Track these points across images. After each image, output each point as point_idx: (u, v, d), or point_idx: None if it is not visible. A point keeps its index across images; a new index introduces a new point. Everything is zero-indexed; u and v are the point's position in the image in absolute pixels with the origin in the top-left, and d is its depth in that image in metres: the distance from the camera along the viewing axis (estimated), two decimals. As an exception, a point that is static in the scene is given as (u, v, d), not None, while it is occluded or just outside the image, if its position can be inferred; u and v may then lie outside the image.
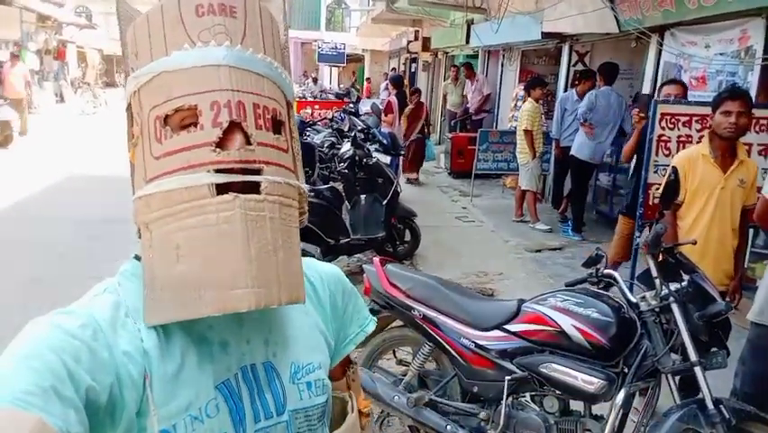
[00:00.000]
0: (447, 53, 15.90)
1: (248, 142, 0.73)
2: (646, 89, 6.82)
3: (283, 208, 0.76)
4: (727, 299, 3.13)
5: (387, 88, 11.79)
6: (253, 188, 0.73)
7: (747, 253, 4.73)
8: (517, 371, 2.59)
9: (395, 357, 3.20)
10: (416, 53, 18.80)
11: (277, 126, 0.78)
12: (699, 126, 4.14)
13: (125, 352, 0.72)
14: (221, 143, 0.72)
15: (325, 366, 0.95)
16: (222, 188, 0.72)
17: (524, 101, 8.03)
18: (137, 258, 0.83)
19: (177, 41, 0.75)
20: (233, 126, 0.73)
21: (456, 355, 2.74)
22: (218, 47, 0.74)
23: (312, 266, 1.01)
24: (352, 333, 1.04)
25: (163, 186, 0.73)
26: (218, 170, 0.72)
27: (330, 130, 8.98)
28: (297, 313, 0.92)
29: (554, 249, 6.84)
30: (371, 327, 1.07)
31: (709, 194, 3.07)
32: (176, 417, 0.74)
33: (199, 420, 0.76)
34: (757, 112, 4.26)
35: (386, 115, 8.78)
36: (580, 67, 8.61)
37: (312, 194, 5.45)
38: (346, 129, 8.54)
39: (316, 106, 12.20)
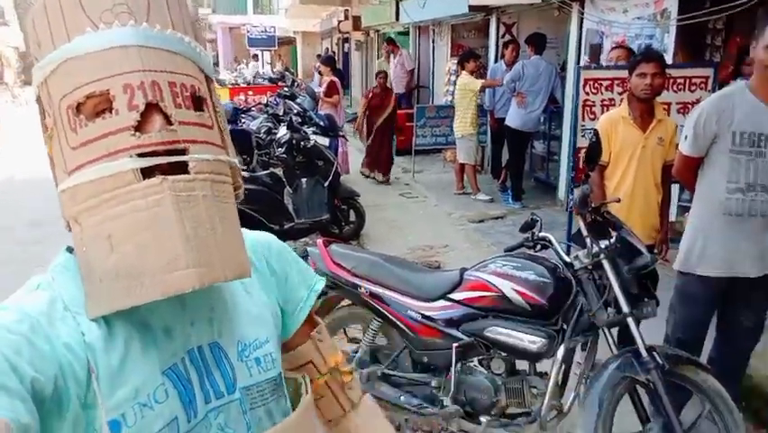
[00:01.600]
0: (378, 31, 15.85)
1: (169, 123, 0.71)
2: (572, 57, 7.03)
3: (215, 185, 0.75)
4: (656, 251, 3.30)
5: (318, 71, 11.40)
6: (181, 168, 0.72)
7: (676, 207, 5.01)
8: (464, 337, 2.67)
9: (346, 336, 3.24)
10: (348, 33, 18.67)
11: (198, 103, 0.76)
12: (620, 90, 4.31)
13: (66, 344, 0.71)
14: (140, 127, 0.70)
15: (273, 340, 0.95)
16: (147, 172, 0.70)
17: (457, 75, 8.13)
18: (69, 250, 0.81)
19: (78, 25, 0.72)
20: (151, 108, 0.71)
21: (404, 328, 2.80)
22: (122, 27, 0.71)
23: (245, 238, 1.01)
24: (303, 296, 1.04)
25: (86, 176, 0.71)
26: (141, 155, 0.70)
27: (266, 115, 8.86)
28: (239, 290, 0.92)
29: (496, 218, 7.01)
30: (320, 285, 1.07)
31: (632, 153, 3.22)
32: (124, 406, 0.74)
33: (148, 407, 0.75)
34: (674, 72, 4.47)
35: (330, 97, 8.68)
36: (508, 38, 8.77)
37: (251, 181, 5.39)
38: (281, 113, 8.44)
39: (250, 92, 11.99)
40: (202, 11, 31.49)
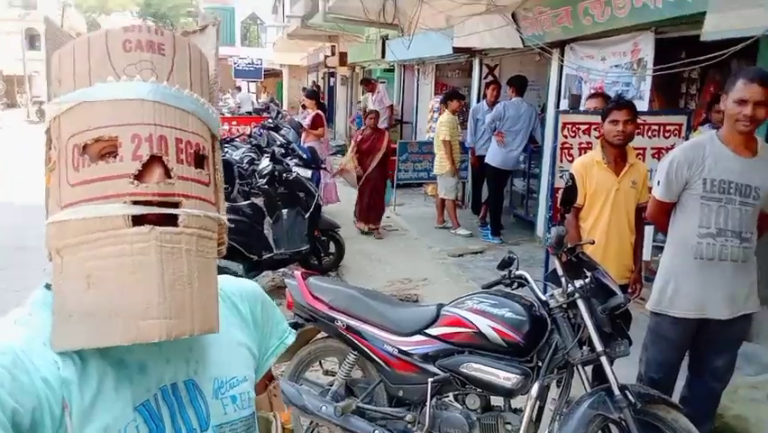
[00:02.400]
0: (364, 68, 16.11)
1: (168, 176, 0.75)
2: (551, 100, 7.22)
3: (201, 240, 0.78)
4: (629, 290, 3.37)
5: (302, 104, 11.23)
6: (171, 220, 0.75)
7: (650, 247, 5.11)
8: (440, 372, 2.68)
9: (322, 368, 3.23)
10: (334, 68, 18.93)
11: (199, 160, 0.80)
12: (597, 134, 4.42)
13: (44, 379, 0.73)
14: (140, 176, 0.73)
15: (251, 379, 0.97)
16: (138, 220, 0.73)
17: (440, 113, 8.28)
18: (47, 287, 0.82)
19: (101, 73, 0.75)
20: (154, 160, 0.74)
21: (381, 362, 2.80)
22: (143, 82, 0.75)
23: (229, 283, 1.03)
24: (273, 345, 1.06)
25: (78, 213, 0.73)
26: (135, 202, 0.73)
27: (249, 146, 8.89)
28: (221, 328, 0.92)
29: (475, 253, 7.07)
30: (291, 339, 1.10)
31: (606, 197, 3.31)
32: None
33: None
34: (649, 119, 4.62)
35: (315, 129, 8.74)
36: (490, 79, 8.98)
37: (232, 211, 5.39)
38: (265, 144, 8.47)
39: (234, 123, 12.03)
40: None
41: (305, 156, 6.96)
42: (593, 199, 3.33)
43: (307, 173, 6.57)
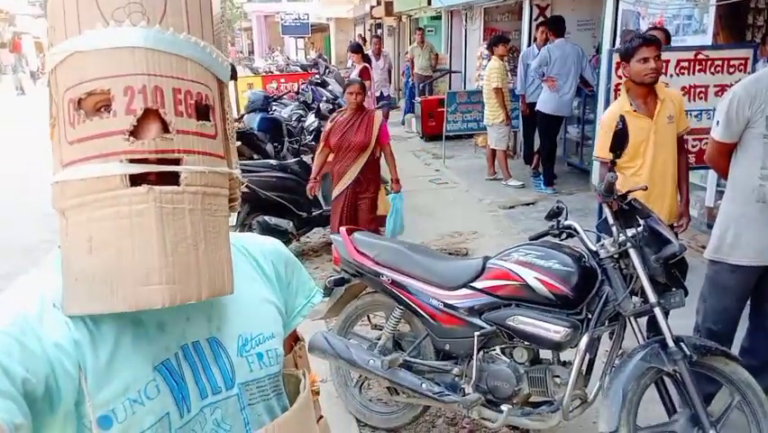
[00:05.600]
0: (411, 17, 15.73)
1: (166, 131, 0.70)
2: (606, 39, 6.85)
3: (207, 198, 0.73)
4: (675, 224, 3.22)
5: (351, 60, 10.88)
6: (173, 179, 0.70)
7: (713, 194, 4.88)
8: (486, 326, 2.65)
9: (370, 322, 3.26)
10: (380, 18, 18.56)
11: (203, 112, 0.75)
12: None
13: (56, 344, 0.72)
14: (135, 132, 0.69)
15: (279, 336, 0.95)
16: (138, 179, 0.69)
17: (488, 60, 8.02)
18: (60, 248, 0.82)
19: (89, 19, 0.70)
20: (149, 114, 0.69)
21: (427, 316, 2.79)
22: (133, 27, 0.69)
23: (251, 241, 1.01)
24: (299, 305, 1.04)
25: (76, 173, 0.70)
26: (132, 160, 0.69)
27: (297, 103, 8.88)
28: (244, 285, 0.91)
29: (527, 204, 6.93)
30: (318, 298, 1.08)
31: (645, 143, 3.13)
32: (114, 402, 0.74)
33: (139, 403, 0.76)
34: (712, 53, 4.33)
35: None
36: (541, 20, 8.60)
37: (280, 168, 5.44)
38: (311, 101, 8.45)
39: (282, 80, 12.01)
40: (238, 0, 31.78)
41: (351, 111, 6.89)
42: (631, 149, 3.13)
43: (354, 128, 6.50)
